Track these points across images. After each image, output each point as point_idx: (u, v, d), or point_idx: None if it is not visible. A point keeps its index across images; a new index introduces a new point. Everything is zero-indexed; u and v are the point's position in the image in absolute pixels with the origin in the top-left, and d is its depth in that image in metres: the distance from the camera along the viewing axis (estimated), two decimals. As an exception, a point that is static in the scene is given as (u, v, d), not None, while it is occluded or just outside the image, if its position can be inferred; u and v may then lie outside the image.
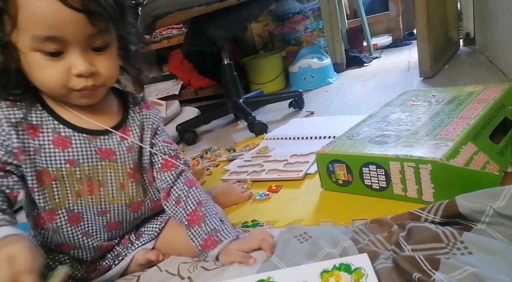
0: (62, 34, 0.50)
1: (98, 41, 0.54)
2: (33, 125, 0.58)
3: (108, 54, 0.57)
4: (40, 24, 0.49)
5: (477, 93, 0.92)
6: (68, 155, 0.59)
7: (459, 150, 0.68)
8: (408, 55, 2.30)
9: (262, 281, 0.52)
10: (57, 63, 0.52)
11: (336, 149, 0.82)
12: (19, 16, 0.48)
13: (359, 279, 0.48)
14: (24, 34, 0.50)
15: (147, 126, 0.68)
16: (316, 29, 2.29)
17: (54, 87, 0.54)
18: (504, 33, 1.28)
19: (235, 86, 1.63)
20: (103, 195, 0.64)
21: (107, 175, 0.64)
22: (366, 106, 1.46)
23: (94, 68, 0.54)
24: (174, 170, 0.68)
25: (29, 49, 0.51)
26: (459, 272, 0.45)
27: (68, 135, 0.59)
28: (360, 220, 0.68)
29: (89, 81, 0.54)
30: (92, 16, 0.51)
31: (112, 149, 0.63)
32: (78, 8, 0.49)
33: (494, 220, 0.52)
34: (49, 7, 0.48)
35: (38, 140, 0.58)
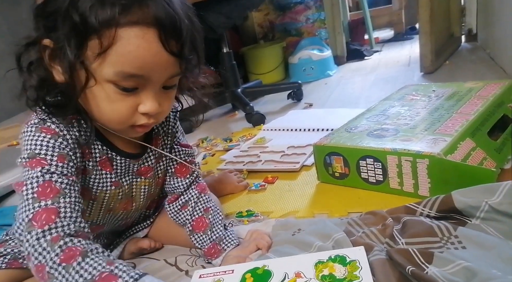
0: (149, 74, 0.47)
1: (172, 81, 0.52)
2: (86, 145, 0.55)
3: (173, 92, 0.55)
4: (132, 63, 0.45)
5: (477, 90, 0.91)
6: (115, 177, 0.58)
7: (457, 145, 0.67)
8: (409, 50, 2.29)
9: (257, 268, 0.52)
10: (127, 98, 0.48)
11: (334, 141, 0.82)
12: (112, 49, 0.44)
13: (353, 271, 0.48)
14: (108, 65, 0.45)
15: (168, 130, 0.66)
16: (318, 20, 2.27)
17: (115, 121, 0.51)
18: (507, 30, 1.27)
19: (234, 76, 1.61)
20: (134, 208, 0.65)
21: (141, 190, 0.64)
22: (365, 100, 1.46)
23: (161, 108, 0.51)
24: (189, 176, 0.67)
25: (105, 80, 0.47)
26: (452, 266, 0.45)
27: (111, 158, 0.57)
28: (355, 213, 0.68)
29: (151, 119, 0.52)
30: (184, 60, 0.49)
31: (150, 166, 0.63)
32: (176, 53, 0.47)
33: (489, 215, 0.53)
34: (151, 49, 0.45)
35: (91, 161, 0.55)
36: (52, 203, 0.47)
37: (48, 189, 0.47)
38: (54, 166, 0.49)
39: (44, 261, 0.44)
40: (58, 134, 0.51)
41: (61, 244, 0.44)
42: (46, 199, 0.47)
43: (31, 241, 0.44)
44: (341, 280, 0.47)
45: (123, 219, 0.67)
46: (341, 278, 0.47)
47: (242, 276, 0.51)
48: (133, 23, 0.44)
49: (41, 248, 0.44)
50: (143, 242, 0.70)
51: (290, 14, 2.30)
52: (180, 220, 0.67)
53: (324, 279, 0.47)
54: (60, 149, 0.50)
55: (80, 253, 0.44)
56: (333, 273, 0.48)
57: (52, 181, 0.48)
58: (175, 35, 0.46)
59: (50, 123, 0.51)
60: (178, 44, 0.47)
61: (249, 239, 0.65)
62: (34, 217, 0.45)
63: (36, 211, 0.46)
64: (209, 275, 0.53)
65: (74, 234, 0.46)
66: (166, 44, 0.46)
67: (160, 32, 0.45)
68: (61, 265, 0.43)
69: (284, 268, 0.51)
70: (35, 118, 0.51)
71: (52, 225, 0.45)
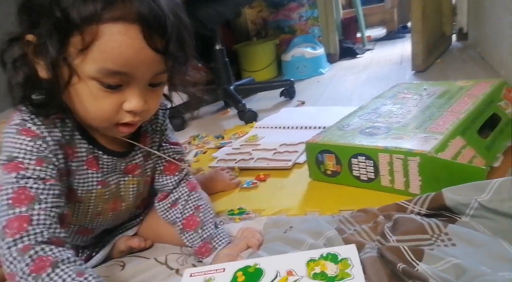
0: (133, 71, 0.46)
1: (159, 78, 0.51)
2: (69, 145, 0.53)
3: (160, 90, 0.53)
4: (115, 60, 0.44)
5: (467, 88, 0.92)
6: (100, 177, 0.57)
7: (447, 143, 0.68)
8: (401, 48, 2.30)
9: (248, 267, 0.52)
10: (111, 95, 0.47)
11: (326, 139, 0.82)
12: (94, 45, 0.43)
13: (345, 269, 0.48)
14: (91, 62, 0.44)
15: (156, 128, 0.64)
16: (311, 18, 2.27)
17: (99, 119, 0.50)
18: (497, 29, 1.29)
19: (226, 73, 1.60)
20: (124, 208, 0.64)
21: (129, 189, 0.63)
22: (357, 98, 1.46)
23: (147, 105, 0.50)
24: (178, 174, 0.66)
25: (88, 77, 0.46)
26: (442, 263, 0.46)
27: (97, 156, 0.56)
28: (347, 211, 0.68)
29: (137, 116, 0.50)
30: (169, 57, 0.48)
31: (138, 164, 0.62)
32: (160, 50, 0.46)
33: (479, 213, 0.53)
34: (133, 46, 0.44)
35: (75, 161, 0.54)
36: (26, 211, 0.46)
37: (23, 196, 0.47)
38: (31, 171, 0.48)
39: (15, 270, 0.44)
40: (38, 136, 0.49)
41: (31, 253, 0.44)
42: (21, 206, 0.46)
43: (4, 249, 0.45)
44: (332, 278, 0.47)
45: (114, 221, 0.66)
46: (333, 276, 0.47)
47: (234, 274, 0.51)
48: (115, 19, 0.43)
49: (12, 257, 0.44)
50: (133, 241, 0.69)
51: (283, 11, 2.29)
52: (170, 219, 0.66)
53: (316, 277, 0.47)
54: (39, 152, 0.49)
55: (50, 264, 0.44)
56: (325, 271, 0.48)
57: (26, 187, 0.47)
58: (160, 32, 0.45)
59: (31, 124, 0.50)
60: (162, 40, 0.46)
61: (240, 237, 0.65)
62: (7, 225, 0.45)
63: (9, 218, 0.46)
64: (199, 273, 0.53)
65: (47, 241, 0.46)
66: (150, 41, 0.45)
67: (143, 29, 0.44)
68: (30, 275, 0.43)
69: (276, 266, 0.51)
70: (16, 119, 0.50)
71: (23, 234, 0.45)
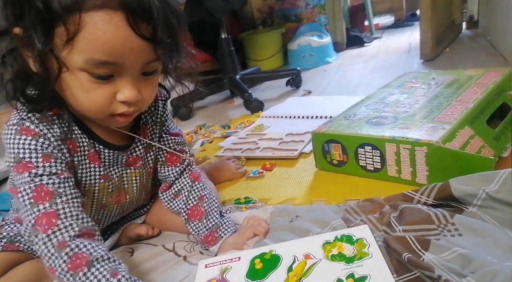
0: (122, 60, 0.45)
1: (151, 67, 0.50)
2: (71, 140, 0.53)
3: (155, 79, 0.52)
4: (101, 50, 0.43)
5: (477, 77, 0.90)
6: (102, 170, 0.58)
7: (455, 133, 0.67)
8: (409, 37, 2.26)
9: (265, 254, 0.52)
10: (103, 86, 0.47)
11: (333, 129, 0.81)
12: (79, 35, 0.42)
13: (362, 249, 0.48)
14: (78, 53, 0.44)
15: (156, 119, 0.64)
16: (317, 6, 2.23)
17: (93, 110, 0.49)
18: (508, 17, 1.26)
19: (232, 62, 1.59)
20: (128, 201, 0.65)
21: (133, 182, 0.63)
22: (364, 87, 1.45)
23: (141, 95, 0.49)
24: (179, 165, 0.66)
25: (77, 68, 0.45)
26: (448, 252, 0.46)
27: (98, 150, 0.57)
28: (353, 201, 0.69)
29: (132, 107, 0.50)
30: (158, 45, 0.46)
31: (138, 156, 0.62)
32: (148, 37, 0.44)
33: (486, 203, 0.53)
34: (118, 34, 0.43)
35: (77, 156, 0.55)
36: (50, 206, 0.48)
37: (42, 193, 0.48)
38: (41, 168, 0.49)
39: (54, 266, 0.46)
40: (38, 134, 0.50)
41: (67, 250, 0.46)
42: (44, 203, 0.48)
43: (40, 245, 0.47)
44: (351, 258, 0.47)
45: (120, 214, 0.67)
46: (351, 256, 0.48)
47: (251, 262, 0.51)
48: (98, 7, 0.42)
49: (50, 253, 0.46)
50: (141, 228, 0.70)
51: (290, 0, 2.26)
52: (174, 209, 0.66)
53: (334, 259, 0.48)
54: (43, 150, 0.50)
55: (86, 263, 0.46)
56: (342, 252, 0.49)
57: (43, 184, 0.48)
58: (145, 18, 0.43)
59: (29, 123, 0.50)
60: (149, 27, 0.44)
61: (246, 225, 0.65)
62: (36, 222, 0.47)
63: (36, 216, 0.47)
64: (215, 264, 0.53)
65: (79, 234, 0.47)
66: (135, 28, 0.43)
67: (128, 15, 0.42)
68: (68, 272, 0.45)
69: (292, 251, 0.51)
70: (14, 118, 0.50)
71: (55, 229, 0.47)
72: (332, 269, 0.46)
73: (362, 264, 0.46)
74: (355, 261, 0.47)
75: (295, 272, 0.47)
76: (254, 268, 0.50)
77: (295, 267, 0.48)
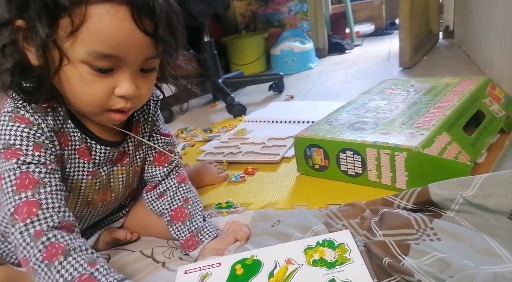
0: (124, 54, 0.46)
1: (150, 63, 0.50)
2: (63, 134, 0.53)
3: (152, 76, 0.53)
4: (105, 42, 0.44)
5: (453, 85, 0.93)
6: (91, 167, 0.56)
7: (434, 139, 0.69)
8: (389, 45, 2.32)
9: (246, 259, 0.51)
10: (102, 80, 0.47)
11: (315, 133, 0.82)
12: (83, 27, 0.43)
13: (343, 254, 0.48)
14: (81, 45, 0.44)
15: (148, 118, 0.64)
16: (300, 12, 2.26)
17: (90, 104, 0.49)
18: (482, 28, 1.31)
19: (215, 65, 1.58)
20: (114, 199, 0.63)
21: (119, 179, 0.62)
22: (346, 93, 1.47)
23: (139, 91, 0.50)
24: (167, 165, 0.65)
25: (79, 60, 0.45)
26: (427, 257, 0.46)
27: (90, 146, 0.56)
28: (335, 205, 0.69)
29: (129, 103, 0.50)
30: (159, 41, 0.47)
31: (126, 153, 0.61)
32: (150, 32, 0.45)
33: (463, 208, 0.54)
34: (122, 27, 0.44)
35: (67, 150, 0.53)
36: (33, 195, 0.46)
37: (27, 180, 0.47)
38: (30, 156, 0.48)
39: (28, 256, 0.44)
40: (32, 123, 0.49)
41: (43, 240, 0.44)
42: (26, 191, 0.46)
43: (16, 234, 0.45)
44: (333, 263, 0.47)
45: (103, 213, 0.65)
46: (333, 261, 0.48)
47: (232, 267, 0.50)
48: (104, 0, 0.42)
49: (25, 242, 0.44)
50: (119, 232, 0.68)
51: (273, 5, 2.28)
52: (157, 209, 0.65)
53: (316, 264, 0.48)
54: (35, 138, 0.49)
55: (62, 252, 0.44)
56: (324, 257, 0.48)
57: (29, 172, 0.47)
58: (149, 14, 0.45)
59: (24, 111, 0.49)
60: (152, 23, 0.45)
61: (227, 230, 0.64)
62: (16, 211, 0.45)
63: (17, 204, 0.46)
64: (195, 270, 0.52)
65: (58, 226, 0.46)
66: (139, 23, 0.44)
67: (132, 10, 0.43)
68: (43, 262, 0.43)
69: (273, 256, 0.51)
70: (9, 106, 0.49)
71: (34, 219, 0.45)
72: (314, 275, 0.46)
73: (343, 270, 0.46)
74: (337, 266, 0.47)
75: (276, 278, 0.47)
76: (235, 274, 0.49)
77: (276, 272, 0.48)
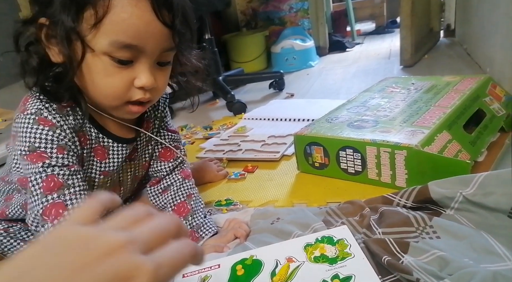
0: (143, 44, 0.48)
1: (166, 56, 0.53)
2: (83, 132, 0.54)
3: (168, 70, 0.55)
4: (127, 32, 0.46)
5: (454, 84, 0.93)
6: (104, 167, 0.58)
7: (434, 137, 0.69)
8: (389, 43, 2.32)
9: (245, 259, 0.51)
10: (122, 71, 0.49)
11: (315, 131, 0.82)
12: (106, 18, 0.45)
13: (343, 249, 0.48)
14: (103, 35, 0.46)
15: (158, 114, 0.66)
16: (301, 10, 2.25)
17: (111, 96, 0.51)
18: (483, 27, 1.30)
19: (215, 63, 1.58)
20: (122, 193, 0.64)
21: (128, 174, 0.63)
22: (346, 91, 1.47)
23: (156, 83, 0.52)
24: (173, 161, 0.67)
25: (100, 52, 0.47)
26: (427, 255, 0.46)
27: (107, 146, 0.57)
28: (334, 203, 0.69)
29: (147, 94, 0.52)
30: (176, 33, 0.50)
31: (135, 148, 0.62)
32: (168, 23, 0.48)
33: (463, 206, 0.54)
34: (143, 17, 0.46)
35: (86, 148, 0.55)
36: (58, 197, 0.49)
37: (52, 183, 0.49)
38: (54, 159, 0.50)
39: None
40: (55, 125, 0.50)
41: None
42: (52, 193, 0.49)
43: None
44: (334, 258, 0.47)
45: None
46: (334, 257, 0.48)
47: (232, 268, 0.50)
48: None
49: None
50: None
51: (274, 3, 2.27)
52: (159, 204, 0.66)
53: (317, 260, 0.48)
54: (59, 141, 0.50)
55: None
56: (325, 254, 0.48)
57: (54, 174, 0.49)
58: (167, 6, 0.47)
59: (47, 113, 0.50)
60: (169, 14, 0.48)
61: (226, 228, 0.64)
62: (44, 212, 0.49)
63: (44, 206, 0.49)
64: (193, 273, 0.51)
65: None
66: (158, 14, 0.46)
67: (152, 1, 0.46)
68: None
69: (273, 255, 0.50)
70: (31, 107, 0.50)
71: (61, 219, 0.47)
72: (316, 271, 0.46)
73: (345, 264, 0.46)
74: (338, 261, 0.47)
75: (279, 276, 0.47)
76: (235, 275, 0.49)
77: (278, 271, 0.48)
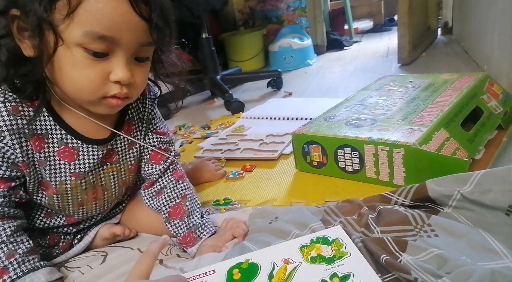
0: (119, 36, 0.46)
1: (144, 52, 0.51)
2: (38, 136, 0.52)
3: (146, 66, 0.53)
4: (101, 22, 0.44)
5: (451, 81, 0.93)
6: (74, 168, 0.56)
7: (432, 135, 0.69)
8: (387, 41, 2.32)
9: (241, 263, 0.50)
10: (97, 64, 0.47)
11: (313, 130, 0.82)
12: (80, 7, 0.43)
13: (339, 248, 0.48)
14: (77, 26, 0.44)
15: (143, 116, 0.63)
16: (298, 8, 2.25)
17: (86, 90, 0.48)
18: (481, 25, 1.31)
19: (213, 62, 1.58)
20: (107, 197, 0.63)
21: (110, 178, 0.61)
22: (344, 90, 1.47)
23: (133, 78, 0.50)
24: (163, 163, 0.65)
25: (74, 43, 0.45)
26: (425, 253, 0.46)
27: (76, 147, 0.55)
28: (332, 202, 0.69)
29: (124, 89, 0.50)
30: (153, 27, 0.48)
31: (114, 150, 0.60)
32: (145, 16, 0.46)
33: (461, 204, 0.54)
34: (119, 8, 0.44)
35: (43, 152, 0.53)
36: None
37: None
38: None
39: None
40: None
41: None
42: None
43: None
44: (331, 258, 0.47)
45: (101, 211, 0.65)
46: (331, 256, 0.47)
47: (228, 273, 0.49)
48: None
49: None
50: (117, 228, 0.68)
51: (271, 1, 2.27)
52: (155, 206, 0.65)
53: (314, 261, 0.47)
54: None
55: None
56: (321, 254, 0.48)
57: None
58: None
59: None
60: (146, 7, 0.46)
61: (224, 227, 0.64)
62: None
63: None
64: (188, 280, 0.49)
65: None
66: (134, 5, 0.45)
67: None
68: None
69: (269, 258, 0.50)
70: None
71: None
72: (314, 271, 0.46)
73: (343, 263, 0.46)
74: (335, 260, 0.47)
75: (277, 278, 0.46)
76: (232, 279, 0.48)
77: (276, 273, 0.47)
